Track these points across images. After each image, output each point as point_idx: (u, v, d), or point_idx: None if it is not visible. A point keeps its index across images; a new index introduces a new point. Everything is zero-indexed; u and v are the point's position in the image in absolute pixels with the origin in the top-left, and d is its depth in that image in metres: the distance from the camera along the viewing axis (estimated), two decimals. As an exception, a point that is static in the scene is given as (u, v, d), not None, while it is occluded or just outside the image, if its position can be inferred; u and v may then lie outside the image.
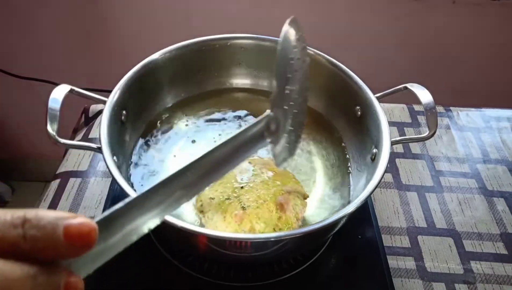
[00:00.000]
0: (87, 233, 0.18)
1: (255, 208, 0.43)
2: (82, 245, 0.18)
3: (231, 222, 0.42)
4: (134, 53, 0.58)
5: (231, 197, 0.44)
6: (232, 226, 0.42)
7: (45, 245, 0.18)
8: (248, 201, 0.43)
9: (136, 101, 0.51)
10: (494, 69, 1.05)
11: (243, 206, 0.43)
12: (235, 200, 0.43)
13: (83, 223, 0.18)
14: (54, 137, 0.39)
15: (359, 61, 0.66)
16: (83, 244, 0.18)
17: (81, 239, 0.18)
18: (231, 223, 0.42)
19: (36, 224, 0.18)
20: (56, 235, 0.18)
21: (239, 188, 0.44)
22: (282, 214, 0.43)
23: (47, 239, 0.18)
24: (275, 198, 0.44)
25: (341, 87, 0.54)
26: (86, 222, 0.18)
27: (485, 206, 0.57)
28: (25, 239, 0.18)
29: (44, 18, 0.98)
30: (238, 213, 0.42)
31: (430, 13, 0.95)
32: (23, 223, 0.18)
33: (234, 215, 0.42)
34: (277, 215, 0.43)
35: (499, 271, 0.50)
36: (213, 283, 0.45)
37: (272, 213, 0.43)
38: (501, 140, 0.67)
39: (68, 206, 0.52)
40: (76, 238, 0.18)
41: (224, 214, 0.42)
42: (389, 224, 0.54)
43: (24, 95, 1.12)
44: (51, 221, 0.18)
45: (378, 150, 0.46)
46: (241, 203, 0.43)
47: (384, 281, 0.46)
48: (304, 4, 0.94)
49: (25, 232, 0.18)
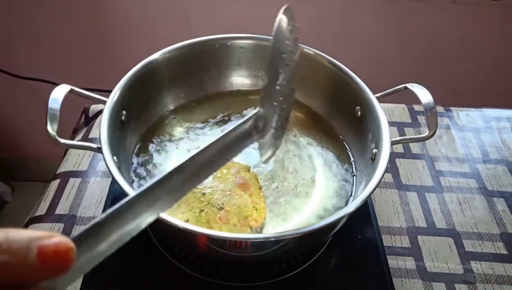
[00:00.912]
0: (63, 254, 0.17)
1: (229, 201, 0.44)
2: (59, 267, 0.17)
3: (221, 226, 0.42)
4: (134, 53, 0.58)
5: (203, 207, 0.44)
6: (225, 228, 0.42)
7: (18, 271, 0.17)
8: (219, 200, 0.44)
9: (136, 101, 0.51)
10: (494, 69, 1.05)
11: (219, 207, 0.43)
12: (208, 207, 0.44)
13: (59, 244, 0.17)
14: (54, 137, 0.39)
15: (359, 61, 0.66)
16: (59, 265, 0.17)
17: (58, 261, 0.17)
18: (221, 227, 0.42)
19: (7, 248, 0.16)
20: (30, 259, 0.17)
21: (203, 195, 0.45)
22: (249, 192, 0.45)
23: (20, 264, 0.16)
24: (235, 183, 0.46)
25: (341, 87, 0.54)
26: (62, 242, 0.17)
27: (485, 206, 0.57)
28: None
29: (44, 18, 0.98)
30: (221, 215, 0.43)
31: (430, 13, 0.95)
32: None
33: (218, 219, 0.42)
34: (247, 195, 0.45)
35: (499, 271, 0.50)
36: (213, 283, 0.45)
37: (243, 196, 0.45)
38: (501, 140, 0.67)
39: (68, 206, 0.52)
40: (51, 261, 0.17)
41: (210, 225, 0.42)
42: (389, 224, 0.54)
43: (24, 95, 1.12)
44: (23, 244, 0.17)
45: (378, 150, 0.46)
46: (215, 206, 0.43)
47: (384, 281, 0.46)
48: (304, 4, 0.94)
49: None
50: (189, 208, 0.44)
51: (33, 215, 0.52)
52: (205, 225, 0.42)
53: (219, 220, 0.42)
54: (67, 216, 0.51)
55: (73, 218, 0.51)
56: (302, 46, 0.56)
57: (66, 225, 0.50)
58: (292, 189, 0.50)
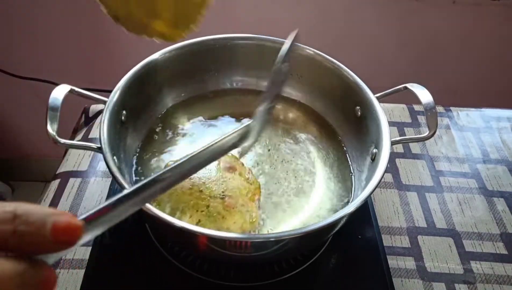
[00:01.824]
0: (73, 231, 0.19)
1: (227, 187, 0.45)
2: (67, 242, 0.19)
3: (231, 211, 0.43)
4: (134, 53, 0.58)
5: (207, 202, 0.44)
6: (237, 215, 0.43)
7: (32, 240, 0.19)
8: (217, 190, 0.44)
9: (136, 101, 0.51)
10: (494, 69, 1.05)
11: (222, 196, 0.44)
12: (212, 200, 0.44)
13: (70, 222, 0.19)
14: (54, 137, 0.39)
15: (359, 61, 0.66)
16: (68, 240, 0.19)
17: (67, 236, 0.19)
18: (232, 212, 0.43)
19: (26, 220, 0.18)
20: (44, 231, 0.19)
21: (201, 192, 0.44)
22: (237, 171, 0.47)
23: (35, 235, 0.19)
24: (222, 169, 0.47)
25: (341, 87, 0.54)
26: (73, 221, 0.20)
27: (485, 206, 0.57)
28: (14, 234, 0.18)
29: (44, 18, 0.98)
30: (227, 203, 0.43)
31: (430, 13, 0.95)
32: (13, 218, 0.18)
33: (226, 207, 0.43)
34: (237, 175, 0.46)
35: (499, 271, 0.50)
36: (213, 283, 0.45)
37: (235, 177, 0.46)
38: (501, 140, 0.67)
39: (68, 206, 0.52)
40: (62, 235, 0.19)
41: (221, 215, 0.43)
42: (389, 224, 0.54)
43: (24, 95, 1.12)
44: (40, 218, 0.19)
45: (378, 150, 0.46)
46: (218, 197, 0.44)
47: (384, 281, 0.46)
48: (304, 4, 0.94)
49: (15, 227, 0.18)
50: (195, 209, 0.44)
51: (33, 215, 0.52)
52: (218, 218, 0.43)
53: (227, 208, 0.43)
54: (67, 216, 0.51)
55: (73, 218, 0.51)
56: (302, 46, 0.56)
57: (66, 225, 0.50)
58: (292, 190, 0.50)
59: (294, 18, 0.93)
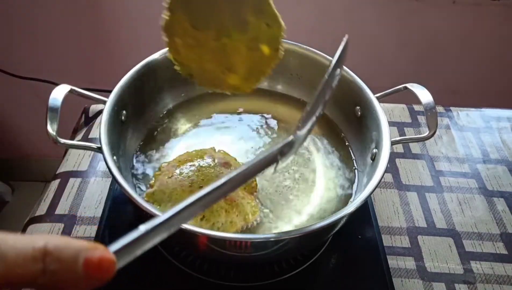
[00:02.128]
0: (106, 267, 0.18)
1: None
2: (100, 278, 0.18)
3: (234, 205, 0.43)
4: (134, 53, 0.58)
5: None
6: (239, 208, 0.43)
7: (62, 278, 0.18)
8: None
9: (136, 101, 0.51)
10: (494, 69, 1.05)
11: None
12: None
13: (103, 257, 0.18)
14: (54, 137, 0.39)
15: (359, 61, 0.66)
16: (101, 277, 0.18)
17: (100, 273, 0.18)
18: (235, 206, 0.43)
19: (57, 257, 0.18)
20: (76, 268, 0.18)
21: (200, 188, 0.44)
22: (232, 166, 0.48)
23: (66, 273, 0.18)
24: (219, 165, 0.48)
25: (341, 87, 0.54)
26: (106, 256, 0.19)
27: (485, 206, 0.57)
28: (45, 273, 0.17)
29: (44, 18, 0.98)
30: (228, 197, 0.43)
31: (430, 13, 0.95)
32: (44, 256, 0.18)
33: (227, 200, 0.44)
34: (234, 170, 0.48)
35: (499, 271, 0.50)
36: (213, 283, 0.45)
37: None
38: (501, 140, 0.67)
39: (68, 206, 0.52)
40: (95, 272, 0.18)
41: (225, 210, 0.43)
42: (389, 224, 0.54)
43: (24, 95, 1.12)
44: (72, 254, 0.18)
45: (378, 150, 0.46)
46: None
47: (384, 281, 0.46)
48: (304, 4, 0.94)
49: (45, 267, 0.17)
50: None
51: (33, 215, 0.52)
52: (221, 212, 0.43)
53: (229, 201, 0.44)
54: (67, 216, 0.51)
55: (73, 218, 0.51)
56: (302, 46, 0.56)
57: (66, 225, 0.50)
58: (292, 190, 0.50)
59: (294, 18, 0.93)
